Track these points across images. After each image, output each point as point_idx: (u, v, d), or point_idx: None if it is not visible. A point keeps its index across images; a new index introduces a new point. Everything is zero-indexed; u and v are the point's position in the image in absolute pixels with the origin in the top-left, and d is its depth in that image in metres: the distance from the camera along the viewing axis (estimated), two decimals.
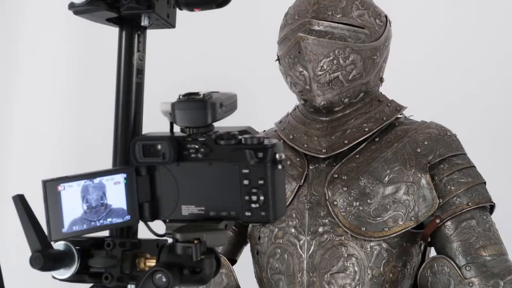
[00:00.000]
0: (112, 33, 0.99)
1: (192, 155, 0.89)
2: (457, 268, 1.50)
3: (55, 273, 0.92)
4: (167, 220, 0.92)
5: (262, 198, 0.86)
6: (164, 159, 0.89)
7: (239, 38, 2.60)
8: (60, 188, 0.86)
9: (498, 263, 1.51)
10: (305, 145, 1.62)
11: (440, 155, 1.57)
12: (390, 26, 1.67)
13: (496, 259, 1.52)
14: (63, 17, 1.71)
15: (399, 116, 1.65)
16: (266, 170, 0.86)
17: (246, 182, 0.86)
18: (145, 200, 0.91)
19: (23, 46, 2.84)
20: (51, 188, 0.86)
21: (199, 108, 0.86)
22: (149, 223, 0.93)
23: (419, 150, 1.58)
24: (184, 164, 0.90)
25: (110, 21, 0.97)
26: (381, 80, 1.67)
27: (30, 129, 2.83)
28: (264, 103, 2.44)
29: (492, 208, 1.60)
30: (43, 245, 0.88)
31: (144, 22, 0.96)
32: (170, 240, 0.89)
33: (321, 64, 1.54)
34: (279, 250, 1.58)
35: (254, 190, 0.86)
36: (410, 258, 1.58)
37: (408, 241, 1.57)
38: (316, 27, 1.56)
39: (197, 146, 0.88)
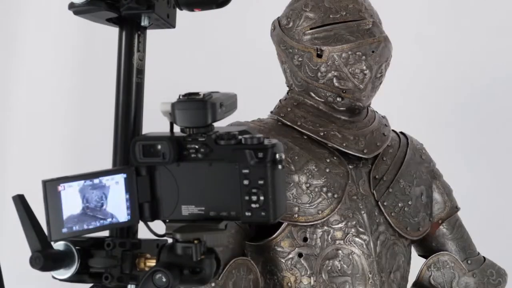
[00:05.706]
0: (112, 33, 0.99)
1: (192, 155, 0.89)
2: (461, 262, 1.68)
3: (55, 273, 0.92)
4: (167, 220, 0.92)
5: (262, 198, 0.86)
6: (164, 159, 0.89)
7: (239, 38, 2.60)
8: (60, 188, 0.86)
9: (480, 256, 1.74)
10: (344, 144, 1.56)
11: (433, 164, 1.74)
12: None
13: (479, 252, 1.75)
14: (63, 17, 1.70)
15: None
16: (266, 170, 0.86)
17: (246, 182, 0.86)
18: (145, 200, 0.91)
19: (23, 46, 2.84)
20: (51, 188, 0.86)
21: (199, 108, 0.86)
22: (149, 223, 0.93)
23: (423, 158, 1.71)
24: (184, 164, 0.90)
25: (110, 21, 0.97)
26: None
27: (30, 129, 2.83)
28: (264, 104, 2.44)
29: None
30: (43, 245, 0.88)
31: (144, 22, 0.96)
32: (170, 240, 0.89)
33: (382, 68, 1.55)
34: (341, 252, 1.53)
35: (254, 190, 0.86)
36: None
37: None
38: (376, 30, 1.55)
39: (197, 146, 0.88)
